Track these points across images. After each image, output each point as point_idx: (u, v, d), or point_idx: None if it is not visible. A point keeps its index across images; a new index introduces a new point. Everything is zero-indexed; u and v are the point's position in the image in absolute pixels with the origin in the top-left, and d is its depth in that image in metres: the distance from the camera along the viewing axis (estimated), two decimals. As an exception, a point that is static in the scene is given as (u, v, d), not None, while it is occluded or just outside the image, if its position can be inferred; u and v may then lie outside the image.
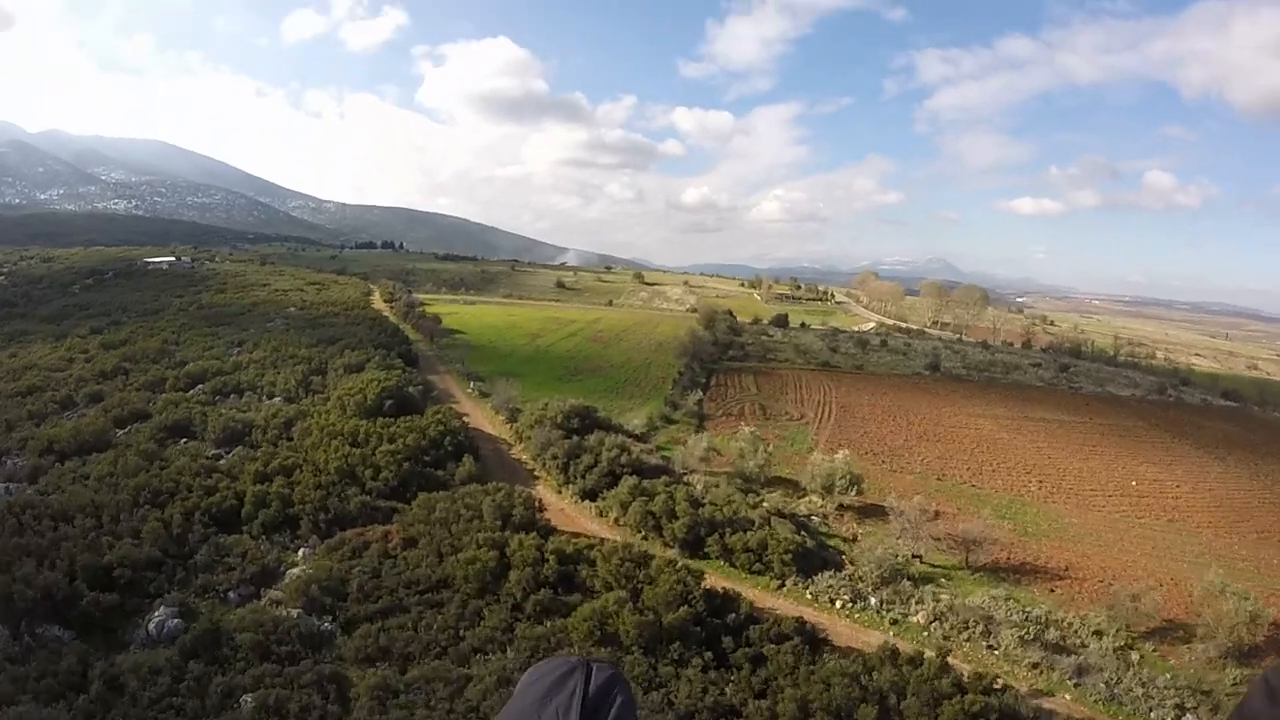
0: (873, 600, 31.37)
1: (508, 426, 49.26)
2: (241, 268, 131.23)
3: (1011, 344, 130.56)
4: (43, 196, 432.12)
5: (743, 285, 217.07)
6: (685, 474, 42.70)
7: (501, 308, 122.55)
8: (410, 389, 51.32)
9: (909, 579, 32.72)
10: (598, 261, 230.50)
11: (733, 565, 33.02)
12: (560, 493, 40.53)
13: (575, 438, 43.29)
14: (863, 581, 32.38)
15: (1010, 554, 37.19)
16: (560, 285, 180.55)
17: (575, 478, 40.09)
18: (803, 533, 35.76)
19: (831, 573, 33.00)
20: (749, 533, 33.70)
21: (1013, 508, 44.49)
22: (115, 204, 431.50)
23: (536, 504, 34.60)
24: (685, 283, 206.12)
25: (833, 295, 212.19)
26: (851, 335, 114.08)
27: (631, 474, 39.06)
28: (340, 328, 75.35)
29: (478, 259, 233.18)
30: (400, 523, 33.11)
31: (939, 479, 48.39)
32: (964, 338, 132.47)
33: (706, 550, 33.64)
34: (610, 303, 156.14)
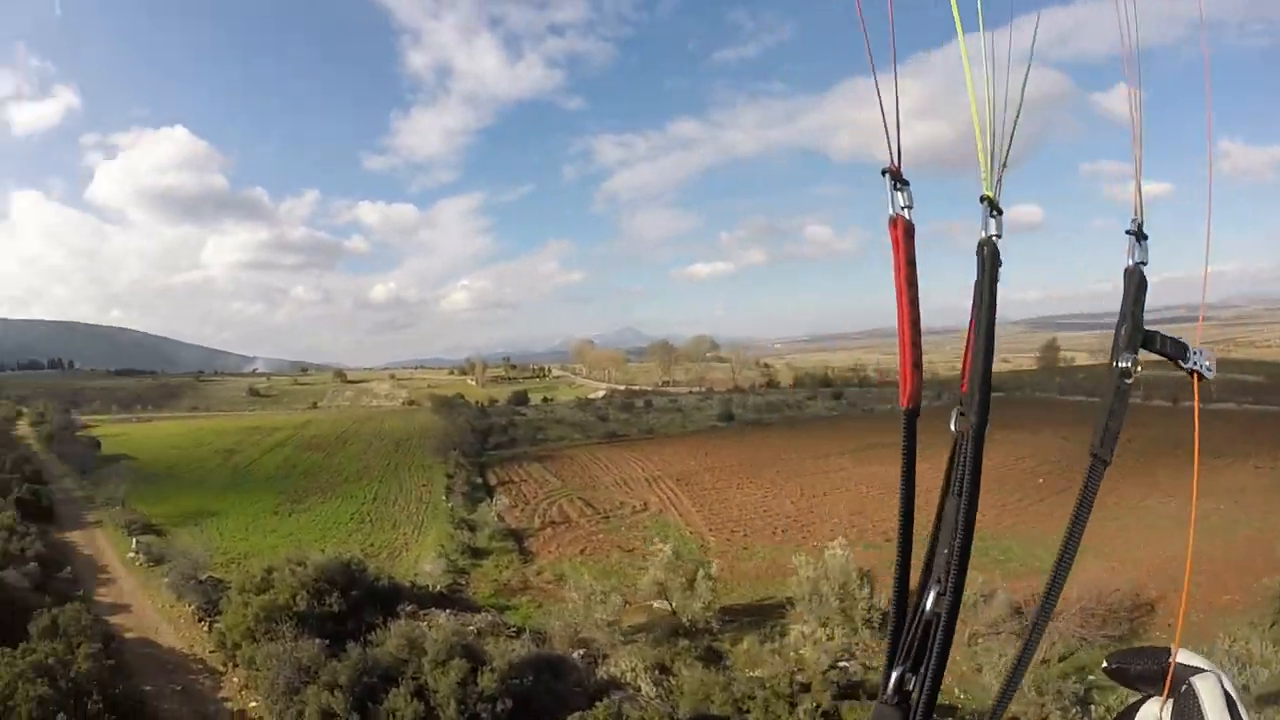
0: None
1: (203, 626, 26.34)
2: None
3: (759, 386, 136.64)
4: None
5: (452, 373, 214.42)
6: (594, 657, 26.92)
7: (185, 423, 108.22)
8: (18, 571, 28.75)
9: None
10: (290, 368, 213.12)
11: None
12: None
13: (353, 647, 19.78)
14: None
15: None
16: (254, 393, 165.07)
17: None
18: None
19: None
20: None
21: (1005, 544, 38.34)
22: None
23: None
24: (391, 377, 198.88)
25: (549, 371, 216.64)
26: (607, 402, 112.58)
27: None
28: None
29: (157, 373, 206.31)
30: None
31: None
32: (710, 389, 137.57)
33: None
34: (315, 405, 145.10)
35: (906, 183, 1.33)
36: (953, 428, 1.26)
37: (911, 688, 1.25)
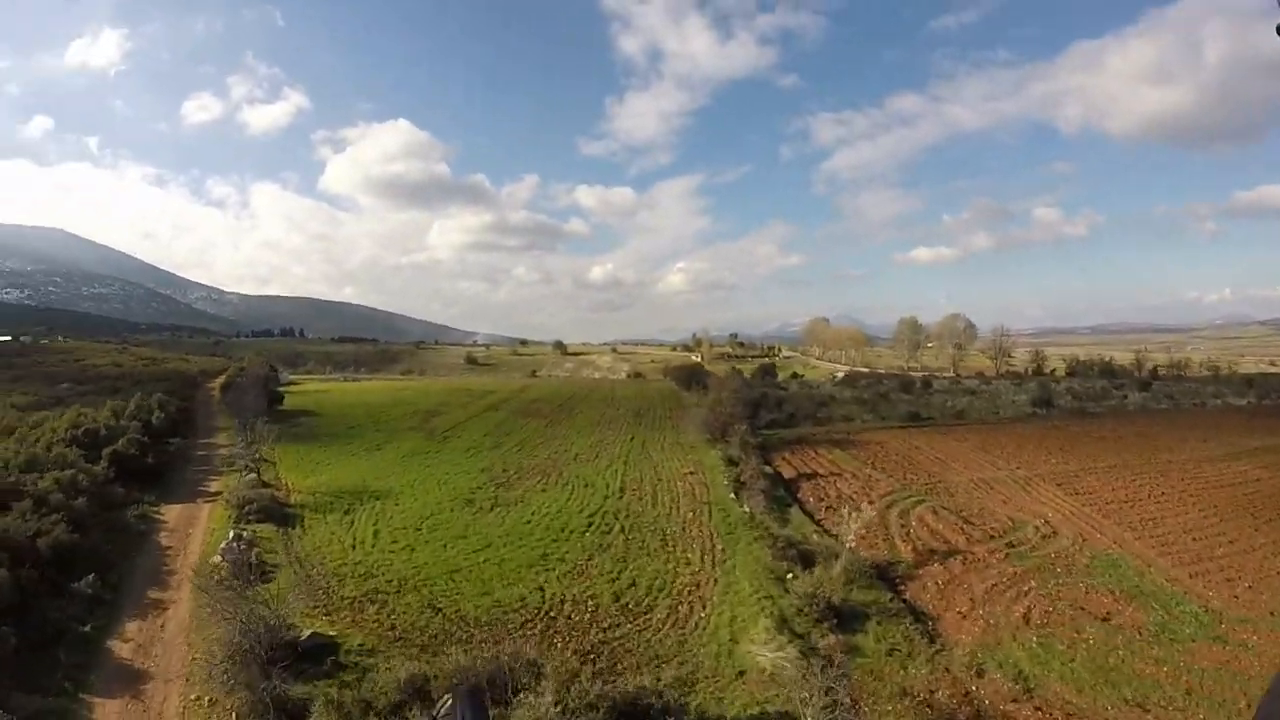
0: None
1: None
2: (75, 345, 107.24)
3: (1027, 374, 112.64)
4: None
5: (675, 350, 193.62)
6: None
7: (393, 383, 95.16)
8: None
9: None
10: (509, 343, 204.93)
11: None
12: None
13: None
14: None
15: None
16: (471, 360, 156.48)
17: None
18: None
19: None
20: None
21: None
22: (7, 293, 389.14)
23: None
24: (613, 351, 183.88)
25: (779, 350, 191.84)
26: (875, 381, 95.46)
27: None
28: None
29: (379, 341, 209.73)
30: None
31: None
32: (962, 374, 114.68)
33: None
34: (534, 373, 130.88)
35: None
36: None
37: None
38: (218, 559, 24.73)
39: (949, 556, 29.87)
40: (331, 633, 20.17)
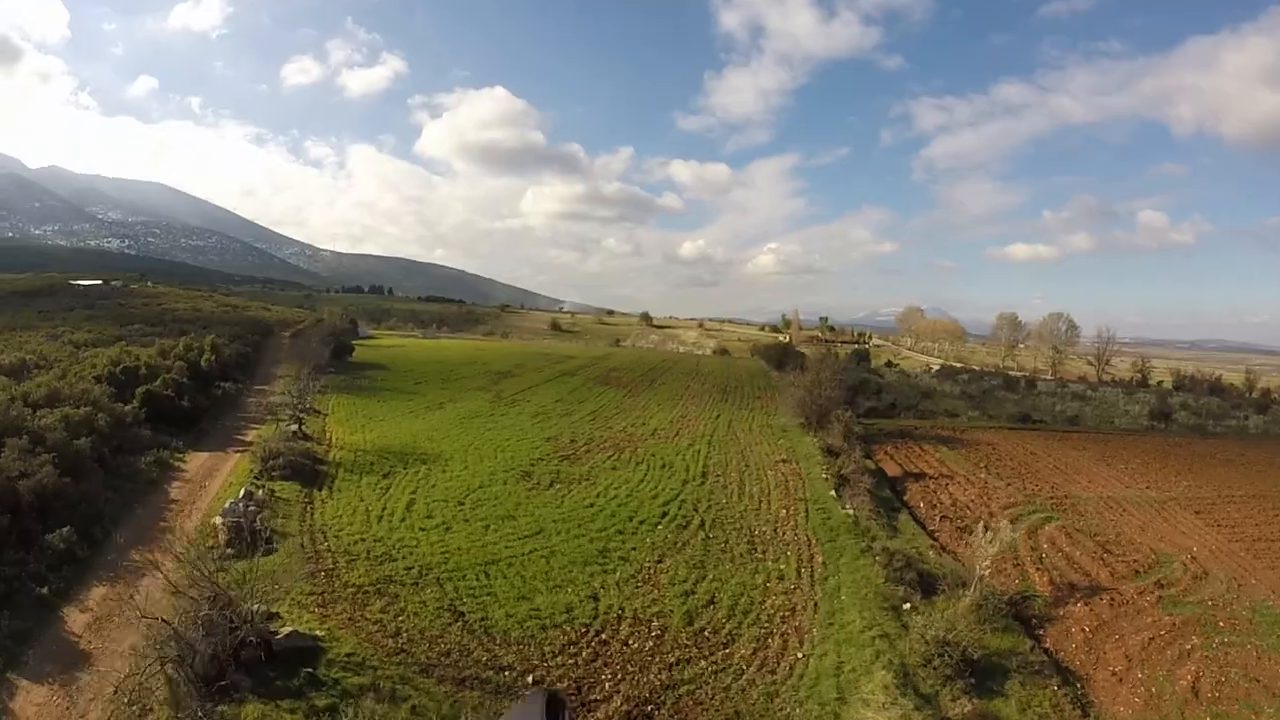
0: None
1: None
2: (163, 290, 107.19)
3: (1132, 383, 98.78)
4: (37, 232, 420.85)
5: (763, 329, 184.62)
6: None
7: (474, 343, 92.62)
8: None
9: None
10: (595, 314, 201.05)
11: None
12: None
13: None
14: None
15: None
16: (556, 327, 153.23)
17: None
18: None
19: None
20: None
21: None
22: (109, 242, 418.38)
23: None
24: (700, 326, 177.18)
25: (870, 337, 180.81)
26: (976, 377, 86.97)
27: None
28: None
29: (465, 302, 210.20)
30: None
31: None
32: (1061, 377, 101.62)
33: None
34: (617, 342, 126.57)
35: None
36: None
37: None
38: (218, 520, 20.72)
39: (1093, 594, 23.06)
40: (319, 632, 15.59)
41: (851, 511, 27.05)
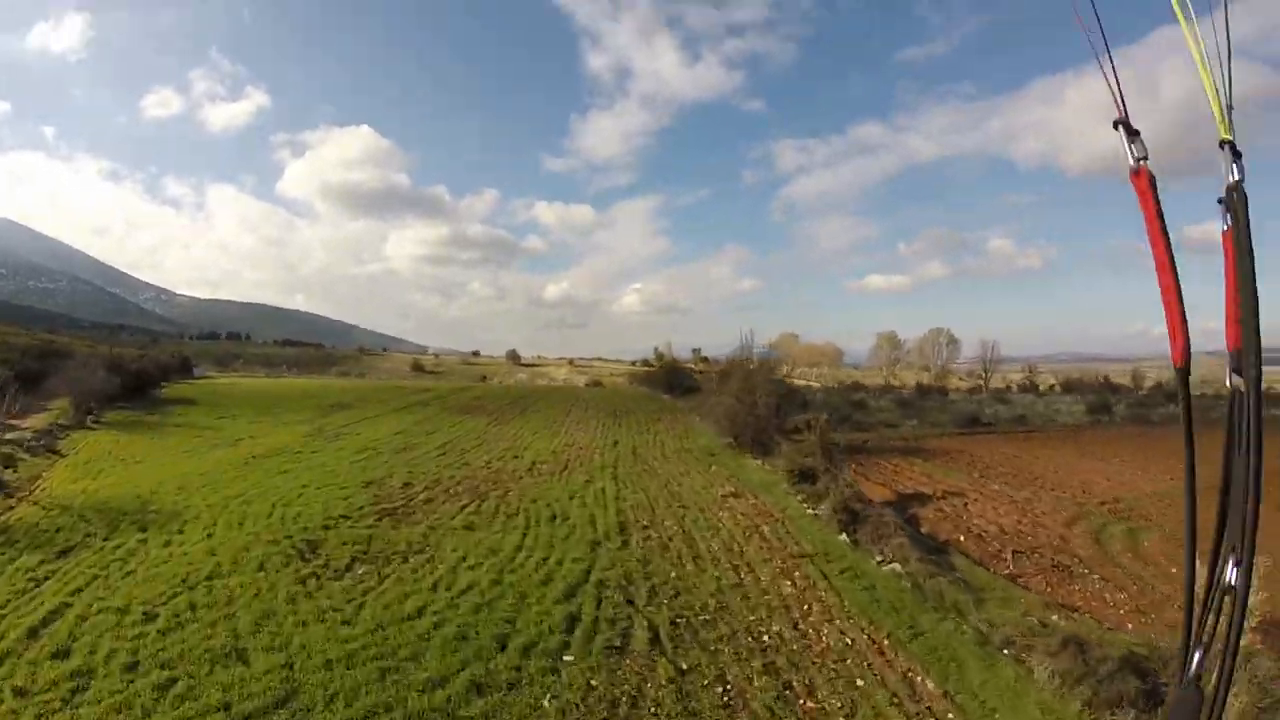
0: None
1: None
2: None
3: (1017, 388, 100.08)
4: None
5: (635, 364, 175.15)
6: None
7: (320, 381, 75.35)
8: None
9: None
10: (461, 357, 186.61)
11: None
12: None
13: None
14: None
15: None
16: (418, 368, 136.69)
17: None
18: None
19: None
20: None
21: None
22: None
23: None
24: (570, 363, 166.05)
25: (752, 363, 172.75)
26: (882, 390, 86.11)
27: None
28: None
29: (324, 346, 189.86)
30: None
31: None
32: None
33: None
34: (483, 378, 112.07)
35: (1138, 132, 1.32)
36: (1228, 384, 1.18)
37: (1206, 668, 1.21)
38: None
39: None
40: None
41: (897, 567, 15.86)
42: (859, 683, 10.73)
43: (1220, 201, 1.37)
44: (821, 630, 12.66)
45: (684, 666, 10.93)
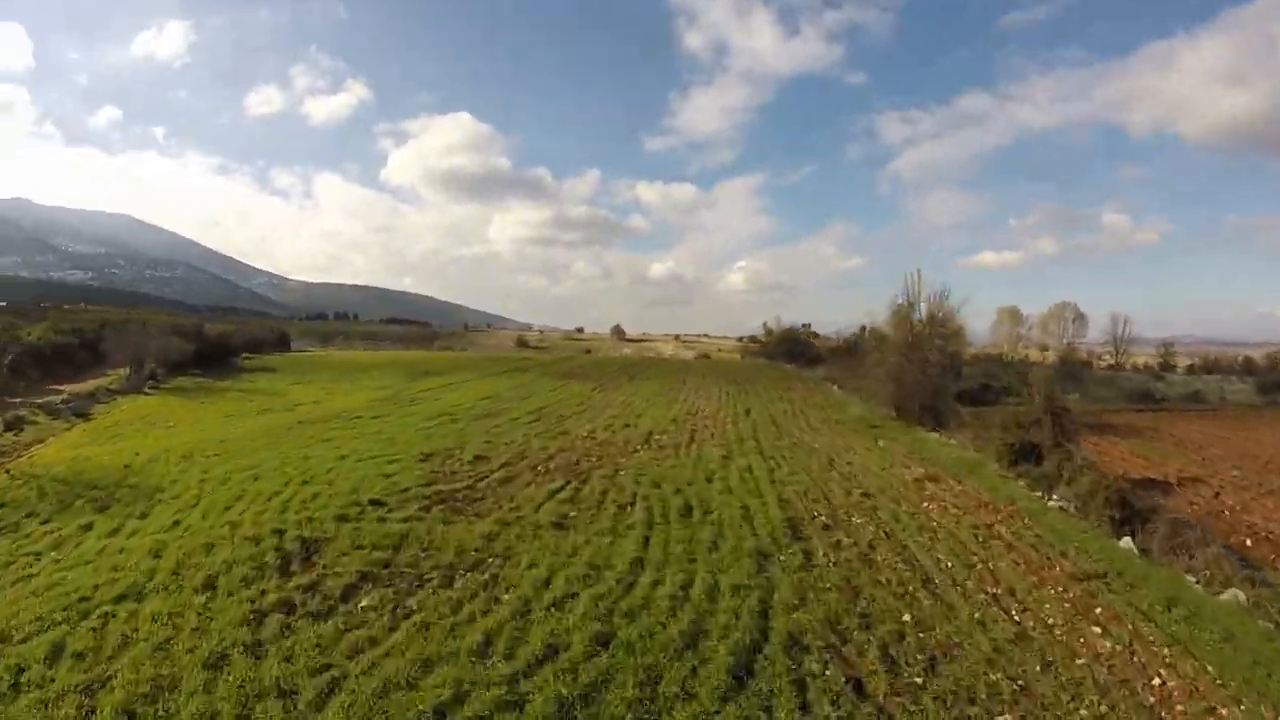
0: None
1: None
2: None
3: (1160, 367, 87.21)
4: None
5: (741, 340, 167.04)
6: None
7: (414, 354, 72.23)
8: None
9: None
10: (565, 333, 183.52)
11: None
12: None
13: None
14: None
15: None
16: (522, 344, 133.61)
17: None
18: None
19: None
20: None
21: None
22: (72, 274, 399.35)
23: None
24: (677, 338, 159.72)
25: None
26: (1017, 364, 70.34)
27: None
28: None
29: (430, 324, 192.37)
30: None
31: None
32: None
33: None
34: (588, 352, 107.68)
35: None
36: None
37: None
38: None
39: None
40: None
41: (1239, 595, 9.21)
42: None
43: None
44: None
45: None
